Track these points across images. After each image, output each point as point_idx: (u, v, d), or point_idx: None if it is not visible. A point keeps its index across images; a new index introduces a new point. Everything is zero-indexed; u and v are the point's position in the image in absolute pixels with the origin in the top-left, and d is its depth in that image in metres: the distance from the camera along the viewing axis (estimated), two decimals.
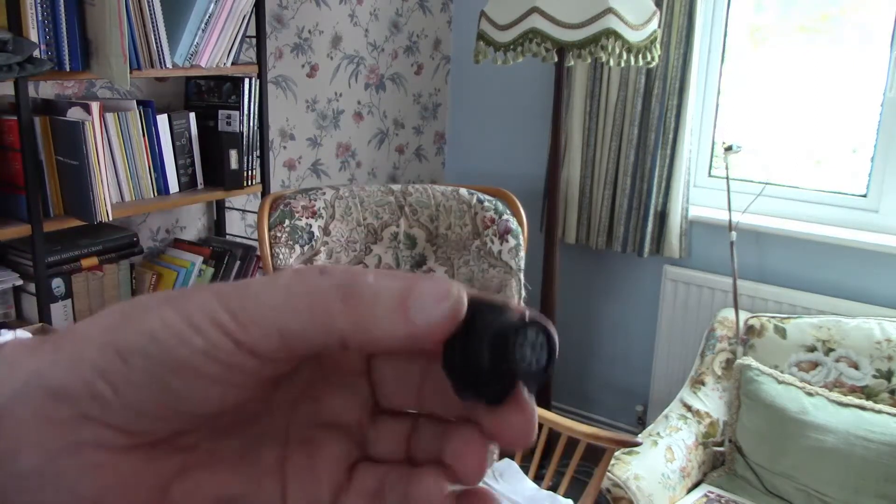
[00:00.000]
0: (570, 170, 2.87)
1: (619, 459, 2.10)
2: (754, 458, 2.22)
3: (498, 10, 2.33)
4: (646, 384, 2.96)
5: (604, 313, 3.07)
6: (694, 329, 2.75)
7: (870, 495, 2.03)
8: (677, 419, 2.34)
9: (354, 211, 2.14)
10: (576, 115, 2.83)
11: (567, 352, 3.02)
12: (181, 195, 2.21)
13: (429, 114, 3.30)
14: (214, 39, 2.14)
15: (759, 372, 2.26)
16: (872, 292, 2.46)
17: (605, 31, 2.17)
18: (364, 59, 2.97)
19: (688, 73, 2.58)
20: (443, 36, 3.27)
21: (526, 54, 2.32)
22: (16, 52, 1.71)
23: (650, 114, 2.68)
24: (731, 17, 2.68)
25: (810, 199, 2.61)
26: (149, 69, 2.00)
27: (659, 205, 2.73)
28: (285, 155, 2.77)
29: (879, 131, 2.46)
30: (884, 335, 2.22)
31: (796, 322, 2.33)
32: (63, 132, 1.89)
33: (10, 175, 1.88)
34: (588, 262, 3.04)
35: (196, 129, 2.26)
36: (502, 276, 2.12)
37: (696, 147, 2.75)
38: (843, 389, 2.22)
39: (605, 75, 2.76)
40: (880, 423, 2.07)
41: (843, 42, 2.66)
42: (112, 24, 1.83)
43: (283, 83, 2.70)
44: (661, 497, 2.09)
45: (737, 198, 2.53)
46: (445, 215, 2.17)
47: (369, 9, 2.94)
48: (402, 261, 2.18)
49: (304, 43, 2.74)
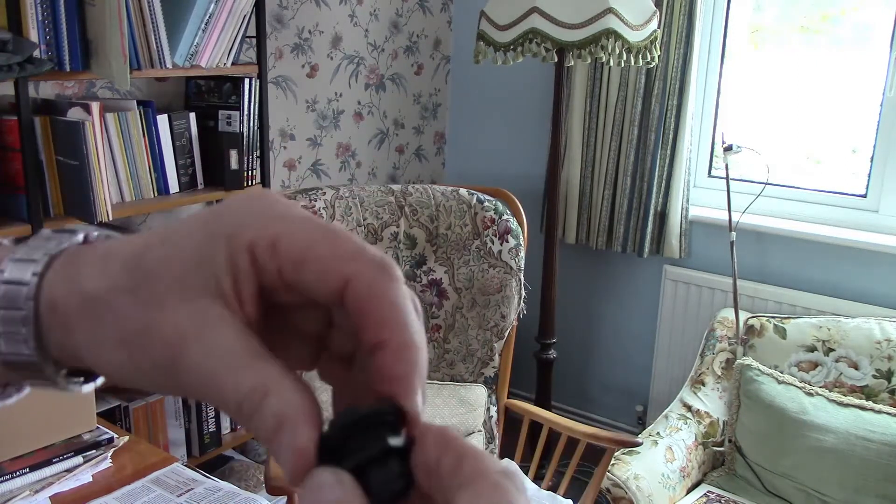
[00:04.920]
0: (570, 170, 2.87)
1: (619, 459, 2.11)
2: (754, 458, 2.22)
3: (498, 10, 2.33)
4: (646, 384, 2.96)
5: (604, 313, 3.07)
6: (694, 329, 2.75)
7: (870, 495, 2.03)
8: (677, 419, 2.34)
9: (354, 211, 2.14)
10: (576, 115, 2.83)
11: (567, 352, 3.03)
12: (181, 195, 2.21)
13: (429, 114, 3.30)
14: (214, 39, 2.15)
15: (759, 372, 2.26)
16: (872, 292, 2.46)
17: (605, 31, 2.17)
18: (364, 59, 2.97)
19: (688, 73, 2.59)
20: (443, 36, 3.27)
21: (526, 54, 2.32)
22: (16, 52, 1.71)
23: (650, 114, 2.68)
24: (730, 17, 2.68)
25: (810, 199, 2.62)
26: (149, 69, 2.00)
27: (659, 205, 2.73)
28: (285, 155, 2.77)
29: (879, 131, 2.46)
30: (884, 335, 2.22)
31: (796, 322, 2.33)
32: (63, 132, 1.89)
33: (11, 175, 1.88)
34: (588, 262, 3.04)
35: (196, 129, 2.26)
36: (502, 276, 2.12)
37: (696, 147, 2.75)
38: (843, 389, 2.22)
39: (605, 75, 2.76)
40: (880, 423, 2.07)
41: (843, 42, 2.66)
42: (112, 24, 1.83)
43: (283, 83, 2.70)
44: (661, 497, 2.09)
45: (737, 198, 2.53)
46: (445, 215, 2.17)
47: (369, 9, 2.94)
48: (402, 261, 2.18)
49: (304, 43, 2.74)
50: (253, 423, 0.27)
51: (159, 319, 0.29)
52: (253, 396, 0.27)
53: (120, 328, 0.30)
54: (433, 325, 2.20)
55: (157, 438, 2.24)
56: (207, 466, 2.29)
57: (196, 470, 1.41)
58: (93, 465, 1.39)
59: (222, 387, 0.28)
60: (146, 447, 1.49)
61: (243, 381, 0.27)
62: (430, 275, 2.19)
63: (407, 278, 2.21)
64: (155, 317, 0.29)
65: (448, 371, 2.18)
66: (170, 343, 0.28)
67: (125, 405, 2.16)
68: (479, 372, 2.17)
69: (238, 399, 0.27)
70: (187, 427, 2.33)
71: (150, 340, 0.29)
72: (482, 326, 2.15)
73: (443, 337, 2.19)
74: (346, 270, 0.28)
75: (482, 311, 2.15)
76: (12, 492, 1.30)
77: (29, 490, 1.31)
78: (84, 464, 1.39)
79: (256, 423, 0.27)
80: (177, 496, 1.32)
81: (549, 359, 2.67)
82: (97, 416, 1.49)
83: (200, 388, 0.28)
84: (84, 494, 1.32)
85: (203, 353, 0.28)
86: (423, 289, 2.19)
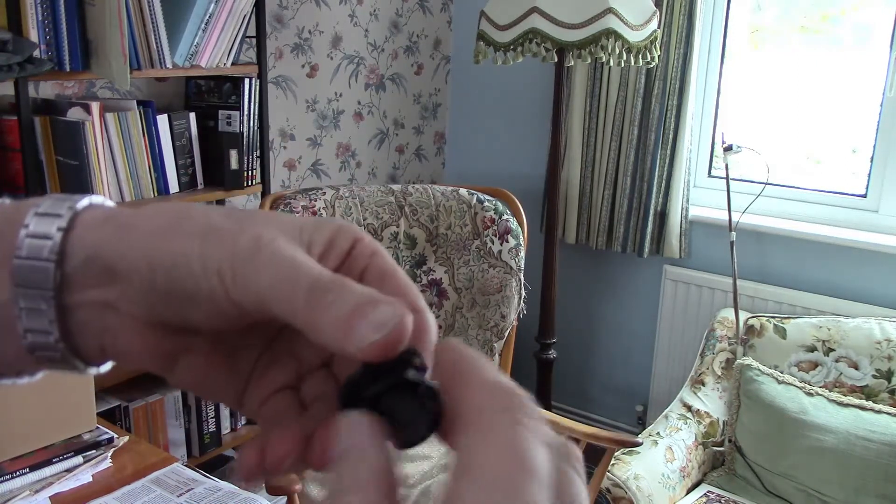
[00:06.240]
0: (570, 170, 2.87)
1: (619, 459, 2.11)
2: (754, 458, 2.22)
3: (498, 10, 2.33)
4: (646, 384, 2.96)
5: (604, 313, 3.07)
6: (694, 329, 2.75)
7: (870, 495, 2.03)
8: (677, 419, 2.34)
9: (354, 211, 2.14)
10: (576, 115, 2.83)
11: (567, 352, 3.02)
12: (181, 195, 2.21)
13: (429, 114, 3.30)
14: (214, 39, 2.15)
15: (759, 372, 2.26)
16: (872, 292, 2.46)
17: (605, 31, 2.17)
18: (364, 59, 2.97)
19: (688, 73, 2.59)
20: (443, 36, 3.27)
21: (526, 54, 2.32)
22: (16, 52, 1.71)
23: (650, 114, 2.68)
24: (730, 18, 2.68)
25: (810, 199, 2.62)
26: (149, 69, 2.00)
27: (659, 205, 2.73)
28: (285, 155, 2.77)
29: (879, 131, 2.46)
30: (884, 335, 2.22)
31: (796, 322, 2.33)
32: (63, 132, 1.89)
33: (10, 175, 1.88)
34: (588, 262, 3.04)
35: (196, 129, 2.26)
36: (502, 276, 2.12)
37: (696, 147, 2.75)
38: (843, 389, 2.22)
39: (605, 75, 2.76)
40: (880, 423, 2.07)
41: (843, 43, 2.66)
42: (112, 24, 1.83)
43: (283, 83, 2.70)
44: (661, 497, 2.09)
45: (737, 198, 2.53)
46: (445, 215, 2.17)
47: (369, 9, 2.94)
48: (403, 261, 2.18)
49: (304, 43, 2.74)
50: (334, 290, 0.28)
51: (249, 226, 0.30)
52: (335, 280, 0.28)
53: (202, 224, 0.30)
54: None
55: (157, 438, 2.24)
56: (207, 466, 2.29)
57: (196, 470, 1.41)
58: (93, 465, 1.39)
59: (302, 264, 0.28)
60: (146, 447, 1.49)
61: (324, 273, 0.28)
62: (430, 275, 2.19)
63: None
64: (248, 223, 0.30)
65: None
66: (257, 237, 0.29)
67: (125, 405, 2.16)
68: None
69: (317, 272, 0.28)
70: (187, 427, 2.33)
71: (237, 232, 0.29)
72: (482, 326, 2.15)
73: (443, 337, 2.19)
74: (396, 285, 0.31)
75: (482, 311, 2.15)
76: (12, 492, 1.30)
77: (29, 490, 1.31)
78: (84, 464, 1.39)
79: (338, 291, 0.28)
80: (177, 496, 1.32)
81: (549, 359, 2.67)
82: (97, 416, 1.49)
83: (275, 270, 0.28)
84: (84, 494, 1.32)
85: (288, 246, 0.29)
86: (423, 289, 2.19)
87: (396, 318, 0.27)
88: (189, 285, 0.29)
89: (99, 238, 0.31)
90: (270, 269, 0.28)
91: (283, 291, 0.28)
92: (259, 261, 0.28)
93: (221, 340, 0.33)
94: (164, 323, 0.31)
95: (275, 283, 0.28)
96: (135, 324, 0.31)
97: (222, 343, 0.33)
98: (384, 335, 0.26)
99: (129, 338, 0.31)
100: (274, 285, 0.28)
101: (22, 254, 0.31)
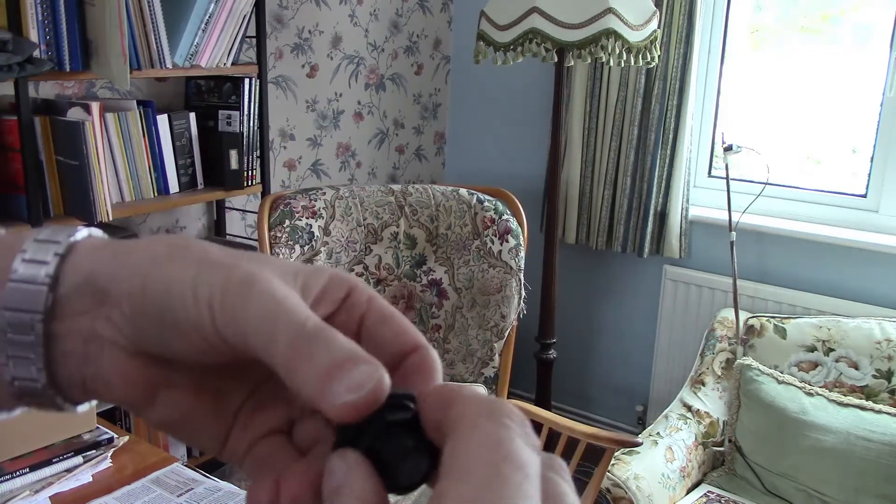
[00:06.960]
0: (570, 170, 2.87)
1: (619, 459, 2.11)
2: (754, 458, 2.22)
3: (498, 10, 2.33)
4: (646, 384, 2.96)
5: (604, 313, 3.07)
6: (694, 329, 2.75)
7: (870, 495, 2.03)
8: (677, 419, 2.34)
9: (354, 211, 2.14)
10: (576, 115, 2.83)
11: (567, 352, 3.02)
12: (181, 195, 2.21)
13: (429, 114, 3.30)
14: (214, 39, 2.14)
15: (759, 372, 2.26)
16: (872, 292, 2.46)
17: (605, 31, 2.17)
18: (364, 59, 2.97)
19: (688, 73, 2.59)
20: (443, 36, 3.27)
21: (526, 54, 2.32)
22: (16, 52, 1.71)
23: (650, 114, 2.68)
24: (730, 18, 2.68)
25: (810, 199, 2.62)
26: (149, 69, 2.00)
27: (659, 205, 2.73)
28: (285, 155, 2.77)
29: (879, 131, 2.46)
30: (884, 335, 2.22)
31: (796, 322, 2.33)
32: (63, 132, 1.89)
33: (10, 175, 1.88)
34: (588, 262, 3.04)
35: (196, 129, 2.26)
36: (502, 276, 2.12)
37: (696, 147, 2.75)
38: (843, 389, 2.22)
39: (605, 75, 2.76)
40: (880, 423, 2.07)
41: (843, 42, 2.66)
42: (112, 24, 1.83)
43: (283, 83, 2.70)
44: (661, 497, 2.09)
45: (737, 198, 2.53)
46: (445, 215, 2.17)
47: (369, 9, 2.94)
48: (403, 261, 2.18)
49: (304, 43, 2.74)
50: (318, 340, 0.27)
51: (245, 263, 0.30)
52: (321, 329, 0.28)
53: (198, 255, 0.30)
54: (433, 325, 2.20)
55: (157, 438, 2.24)
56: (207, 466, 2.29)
57: (196, 470, 1.41)
58: (93, 465, 1.39)
59: (292, 307, 0.28)
60: (146, 447, 1.49)
61: (312, 318, 0.28)
62: (430, 275, 2.19)
63: (407, 278, 2.21)
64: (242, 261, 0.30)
65: (448, 371, 2.18)
66: (252, 273, 0.29)
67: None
68: (479, 372, 2.17)
69: (305, 318, 0.28)
70: None
71: (232, 265, 0.30)
72: (482, 326, 2.15)
73: (443, 337, 2.19)
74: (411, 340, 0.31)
75: (482, 311, 2.15)
76: (12, 492, 1.30)
77: (29, 490, 1.31)
78: (84, 464, 1.39)
79: (322, 342, 0.27)
80: (177, 496, 1.32)
81: (549, 359, 2.67)
82: (97, 416, 1.49)
83: (264, 306, 0.28)
84: (84, 494, 1.32)
85: (281, 286, 0.29)
86: (423, 289, 2.19)
87: (373, 381, 0.27)
88: (179, 313, 0.29)
89: (95, 261, 0.31)
90: (259, 304, 0.28)
91: (267, 329, 0.28)
92: (249, 294, 0.28)
93: (206, 379, 0.33)
94: (148, 353, 0.31)
95: (261, 319, 0.28)
96: (118, 353, 0.31)
97: (207, 382, 0.33)
98: (358, 397, 0.26)
99: (110, 366, 0.31)
100: (259, 322, 0.28)
101: (16, 277, 0.31)
